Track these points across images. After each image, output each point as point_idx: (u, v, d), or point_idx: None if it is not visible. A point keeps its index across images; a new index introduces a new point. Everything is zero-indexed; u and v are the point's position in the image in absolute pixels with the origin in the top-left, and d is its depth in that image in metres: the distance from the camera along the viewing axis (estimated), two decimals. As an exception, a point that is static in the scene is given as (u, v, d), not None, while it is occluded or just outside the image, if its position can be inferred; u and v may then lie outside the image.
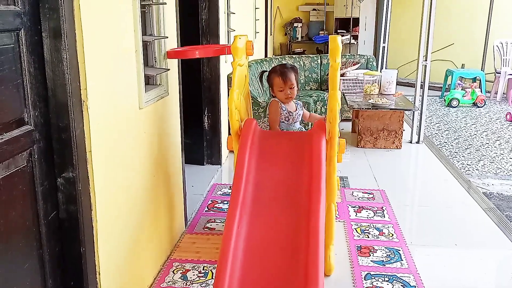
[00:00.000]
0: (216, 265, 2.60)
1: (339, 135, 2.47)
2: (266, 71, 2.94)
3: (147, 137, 2.38)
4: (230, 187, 3.83)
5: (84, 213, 1.78)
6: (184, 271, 2.60)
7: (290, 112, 2.83)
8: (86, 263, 1.81)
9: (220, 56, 4.12)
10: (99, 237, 1.87)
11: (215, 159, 4.36)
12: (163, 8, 2.55)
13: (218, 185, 3.91)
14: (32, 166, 1.61)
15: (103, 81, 1.88)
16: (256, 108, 4.67)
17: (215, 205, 3.49)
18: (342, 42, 9.48)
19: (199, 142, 4.30)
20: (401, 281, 2.53)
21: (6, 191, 1.47)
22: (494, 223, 3.27)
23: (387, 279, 2.55)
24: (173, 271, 2.60)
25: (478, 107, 7.30)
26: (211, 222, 3.21)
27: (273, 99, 2.84)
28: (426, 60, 5.09)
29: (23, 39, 1.54)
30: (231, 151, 4.41)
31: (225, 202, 3.54)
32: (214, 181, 4.01)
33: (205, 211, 3.40)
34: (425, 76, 5.13)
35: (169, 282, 2.50)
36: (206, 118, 4.28)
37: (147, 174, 2.41)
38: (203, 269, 2.62)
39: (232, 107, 2.36)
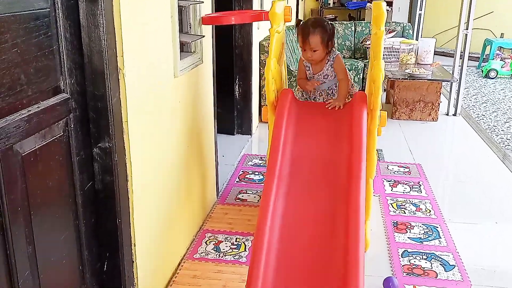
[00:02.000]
0: (248, 238, 2.60)
1: (380, 107, 2.36)
2: (300, 20, 2.75)
3: (181, 106, 2.32)
4: (261, 157, 3.78)
5: (120, 184, 1.74)
6: (217, 242, 2.57)
7: (314, 74, 2.55)
8: (121, 235, 1.78)
9: (253, 22, 3.99)
10: (135, 208, 1.84)
11: (246, 129, 4.30)
12: (199, -28, 2.45)
13: (248, 155, 3.85)
14: (68, 136, 1.56)
15: (139, 48, 1.81)
16: (288, 77, 4.55)
17: (246, 176, 3.44)
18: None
19: (230, 111, 4.23)
20: (440, 259, 2.45)
21: (43, 161, 1.43)
22: (538, 201, 3.14)
23: (425, 257, 2.47)
24: (205, 242, 2.57)
25: (518, 78, 7.02)
26: (243, 193, 3.16)
27: (301, 57, 2.58)
28: (467, 29, 4.85)
29: (59, 3, 1.47)
30: (265, 122, 4.33)
31: (256, 173, 3.49)
32: (245, 151, 3.96)
33: (236, 181, 3.35)
34: (465, 45, 4.91)
35: (202, 253, 2.48)
36: (237, 86, 4.20)
37: (181, 145, 2.36)
38: (235, 241, 2.58)
39: (269, 77, 2.27)
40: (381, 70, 2.21)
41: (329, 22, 2.50)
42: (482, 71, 7.28)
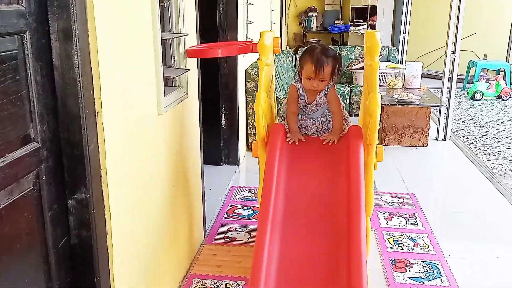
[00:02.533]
0: (239, 283, 2.43)
1: (377, 142, 2.23)
2: (303, 46, 2.54)
3: (166, 145, 2.17)
4: (250, 190, 3.63)
5: (99, 238, 1.58)
6: (205, 288, 2.40)
7: (308, 104, 2.36)
8: (101, 294, 1.60)
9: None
10: (115, 263, 1.66)
11: (233, 159, 4.15)
12: (183, 2, 2.32)
13: (236, 187, 3.69)
14: (39, 189, 1.40)
15: (120, 88, 1.66)
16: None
17: (235, 211, 3.28)
18: (359, 33, 9.16)
19: (216, 141, 4.09)
20: (444, 302, 2.31)
21: (9, 222, 1.27)
22: (538, 233, 3.03)
23: (428, 299, 2.33)
24: (193, 289, 2.40)
25: (503, 100, 7.00)
26: (232, 230, 3.00)
27: (292, 83, 2.39)
28: (454, 53, 4.81)
29: (28, 43, 1.32)
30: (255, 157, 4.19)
31: (245, 207, 3.33)
32: (232, 183, 3.80)
33: (225, 217, 3.19)
34: (452, 69, 4.86)
35: (189, 302, 2.30)
36: (223, 116, 4.06)
37: (166, 186, 2.20)
38: (225, 287, 2.41)
39: (259, 112, 2.14)
40: (377, 103, 2.09)
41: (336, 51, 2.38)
42: (468, 93, 7.27)
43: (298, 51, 2.45)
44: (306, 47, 2.37)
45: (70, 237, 1.56)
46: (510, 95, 7.07)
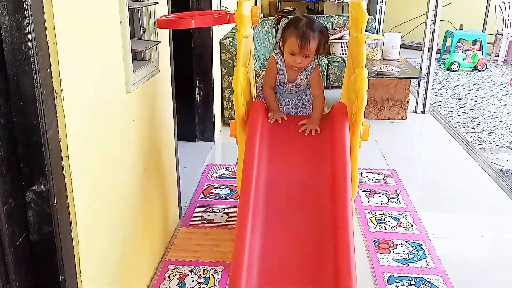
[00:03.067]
0: (218, 268, 2.31)
1: (363, 120, 2.10)
2: (286, 17, 2.30)
3: (136, 125, 1.99)
4: (227, 168, 3.48)
5: (62, 233, 1.42)
6: (181, 276, 2.27)
7: (288, 82, 2.20)
8: (67, 294, 1.45)
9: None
10: (82, 259, 1.51)
11: (208, 135, 3.98)
12: (152, -33, 2.11)
13: (212, 165, 3.54)
14: (-10, 182, 1.23)
15: (81, 65, 1.47)
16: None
17: (211, 191, 3.14)
18: (335, 1, 8.96)
19: (190, 117, 3.90)
20: (429, 284, 2.24)
21: (-46, 223, 1.10)
22: (520, 209, 2.99)
23: (413, 282, 2.25)
24: (168, 276, 2.26)
25: (479, 71, 6.96)
26: (208, 212, 2.86)
27: (272, 54, 2.19)
28: (434, 23, 4.69)
29: (-31, 14, 1.13)
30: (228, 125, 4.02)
31: (222, 186, 3.19)
32: (208, 160, 3.65)
33: (201, 197, 3.05)
34: (433, 40, 4.75)
35: (165, 291, 2.17)
36: (197, 89, 3.87)
37: (137, 169, 2.03)
38: (203, 273, 2.28)
39: (237, 89, 1.97)
40: (365, 79, 1.95)
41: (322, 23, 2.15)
42: (445, 63, 7.20)
43: (281, 23, 2.25)
44: (289, 18, 2.18)
45: (30, 233, 1.39)
46: (486, 66, 7.04)
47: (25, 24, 1.22)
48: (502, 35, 7.49)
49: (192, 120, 3.92)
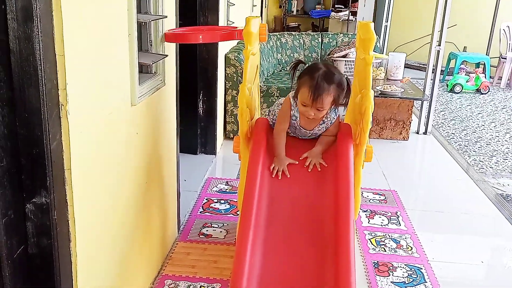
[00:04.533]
0: (215, 286, 2.29)
1: (367, 142, 2.10)
2: (304, 63, 2.10)
3: (139, 138, 1.98)
4: (227, 182, 3.47)
5: (61, 246, 1.40)
6: (178, 291, 2.24)
7: (302, 128, 2.07)
8: (62, 308, 1.43)
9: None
10: (80, 274, 1.49)
11: (210, 148, 3.97)
12: (162, -19, 2.12)
13: (213, 179, 3.52)
14: (-9, 193, 1.21)
15: (88, 77, 1.47)
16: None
17: (211, 205, 3.12)
18: (340, 19, 9.00)
19: (193, 129, 3.89)
20: (429, 310, 2.21)
21: (-47, 235, 1.08)
22: (521, 235, 2.97)
23: (412, 307, 2.23)
24: (165, 291, 2.24)
25: (482, 93, 6.97)
26: (207, 226, 2.84)
27: (289, 96, 2.06)
28: (439, 45, 4.70)
29: (-22, 24, 1.12)
30: (231, 139, 4.02)
31: (222, 201, 3.17)
32: (209, 174, 3.63)
33: (200, 212, 3.02)
34: (437, 62, 4.76)
35: (161, 306, 2.14)
36: (201, 102, 3.87)
37: (139, 182, 2.02)
38: (200, 290, 2.26)
39: (243, 105, 1.97)
40: (371, 101, 1.95)
41: (344, 74, 1.98)
42: (447, 85, 7.21)
43: (297, 68, 2.09)
44: (307, 65, 2.00)
45: (28, 245, 1.38)
46: (489, 89, 7.05)
47: (33, 35, 1.22)
48: (505, 58, 7.51)
49: (194, 133, 3.91)
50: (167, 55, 2.17)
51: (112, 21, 1.65)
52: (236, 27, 2.32)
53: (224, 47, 4.06)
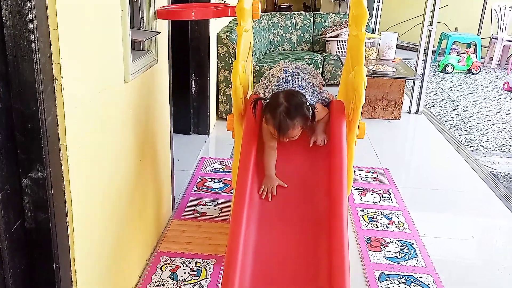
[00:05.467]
0: (210, 261, 2.32)
1: (360, 118, 2.11)
2: (263, 99, 1.98)
3: (133, 115, 1.98)
4: (220, 161, 3.48)
5: (58, 221, 1.41)
6: (173, 267, 2.27)
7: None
8: (60, 282, 1.45)
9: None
10: (76, 247, 1.50)
11: (203, 128, 3.97)
12: (154, -43, 2.10)
13: (206, 159, 3.54)
14: (-13, 167, 1.22)
15: (82, 52, 1.46)
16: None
17: (205, 184, 3.13)
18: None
19: (185, 109, 3.89)
20: (420, 283, 2.26)
21: (-50, 207, 1.09)
22: (510, 211, 3.02)
23: (404, 280, 2.27)
24: (161, 268, 2.26)
25: (473, 73, 7.01)
26: (201, 204, 2.86)
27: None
28: (431, 25, 4.71)
29: (-30, -4, 1.11)
30: (224, 120, 4.03)
31: (216, 180, 3.19)
32: (202, 154, 3.64)
33: (194, 191, 3.04)
34: (429, 42, 4.77)
35: (156, 282, 2.17)
36: (193, 82, 3.86)
37: (133, 159, 2.03)
38: (195, 266, 2.29)
39: (236, 83, 1.96)
40: (363, 77, 1.95)
41: (302, 96, 1.90)
42: (439, 65, 7.24)
43: (256, 105, 1.96)
44: (268, 101, 1.93)
45: (25, 220, 1.39)
46: (480, 69, 7.08)
47: (26, 8, 1.21)
48: (496, 39, 7.54)
49: (187, 113, 3.91)
50: (159, 32, 2.16)
51: (105, -3, 1.64)
52: (229, 4, 2.31)
53: (216, 27, 4.04)
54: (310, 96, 2.03)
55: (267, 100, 1.94)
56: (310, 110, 1.89)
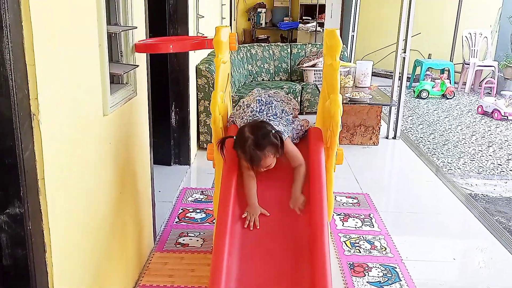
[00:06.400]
0: (193, 293, 2.29)
1: (337, 145, 2.15)
2: (230, 136, 2.03)
3: (112, 148, 1.98)
4: (202, 191, 3.47)
5: (36, 257, 1.39)
6: (156, 301, 2.24)
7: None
8: (39, 320, 1.42)
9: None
10: (56, 284, 1.48)
11: (184, 159, 3.97)
12: (131, -8, 2.14)
13: (188, 189, 3.53)
14: (-37, 205, 1.21)
15: (59, 87, 1.47)
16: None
17: (187, 215, 3.12)
18: (308, 30, 9.16)
19: (166, 140, 3.90)
20: (404, 307, 2.26)
21: None
22: (490, 232, 3.06)
23: (388, 305, 2.27)
24: (143, 302, 2.23)
25: (448, 98, 7.18)
26: (184, 236, 2.84)
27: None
28: (405, 52, 4.84)
29: None
30: (205, 149, 4.03)
31: (198, 210, 3.18)
32: (184, 184, 3.63)
33: (176, 222, 3.02)
34: (403, 68, 4.89)
35: (139, 317, 2.13)
36: (173, 113, 3.88)
37: (113, 191, 2.02)
38: (178, 298, 2.26)
39: (215, 113, 2.00)
40: (339, 105, 2.00)
41: (267, 125, 1.96)
42: (414, 91, 7.40)
43: (224, 143, 2.02)
44: (235, 137, 1.99)
45: (3, 257, 1.36)
46: (454, 94, 7.26)
47: (3, 45, 1.22)
48: (468, 64, 7.75)
49: (168, 144, 3.92)
50: (137, 65, 2.18)
51: (82, 32, 1.66)
52: (206, 37, 2.35)
53: (194, 59, 4.09)
54: (283, 125, 2.06)
55: (234, 137, 1.97)
56: (278, 137, 1.94)
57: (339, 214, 3.19)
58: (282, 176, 2.03)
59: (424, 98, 7.20)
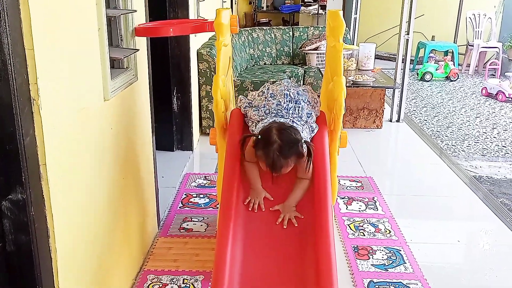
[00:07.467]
0: (197, 277, 2.29)
1: (341, 127, 2.13)
2: (255, 135, 1.86)
3: (114, 133, 1.97)
4: (205, 177, 3.47)
5: (39, 242, 1.39)
6: (161, 285, 2.24)
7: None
8: (44, 305, 1.42)
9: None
10: (60, 269, 1.48)
11: (186, 144, 3.96)
12: (130, -25, 2.11)
13: (191, 174, 3.52)
14: (-35, 191, 1.20)
15: (59, 72, 1.46)
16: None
17: (190, 200, 3.11)
18: (310, 13, 9.08)
19: (168, 126, 3.88)
20: (408, 289, 2.26)
21: None
22: (494, 214, 3.05)
23: (393, 287, 2.27)
24: (148, 287, 2.23)
25: (452, 80, 7.12)
26: (187, 221, 2.84)
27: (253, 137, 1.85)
28: (408, 34, 4.79)
29: None
30: (207, 135, 4.02)
31: (201, 195, 3.17)
32: (187, 170, 3.63)
33: (179, 207, 3.02)
34: (406, 50, 4.84)
35: (144, 301, 2.14)
36: (175, 99, 3.85)
37: (115, 177, 2.01)
38: (183, 283, 2.26)
39: (217, 97, 1.97)
40: (343, 87, 1.98)
41: (297, 132, 1.81)
42: (418, 74, 7.34)
43: (245, 141, 1.89)
44: (260, 136, 1.81)
45: (6, 243, 1.36)
46: (458, 76, 7.20)
47: (1, 29, 1.20)
48: (472, 46, 7.68)
49: (170, 130, 3.90)
50: (138, 49, 2.16)
51: (81, 16, 1.64)
52: (207, 20, 2.32)
53: (196, 43, 4.05)
54: (307, 132, 1.94)
55: (259, 136, 1.82)
56: (305, 147, 1.80)
57: (343, 198, 3.18)
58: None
59: (428, 81, 7.15)
